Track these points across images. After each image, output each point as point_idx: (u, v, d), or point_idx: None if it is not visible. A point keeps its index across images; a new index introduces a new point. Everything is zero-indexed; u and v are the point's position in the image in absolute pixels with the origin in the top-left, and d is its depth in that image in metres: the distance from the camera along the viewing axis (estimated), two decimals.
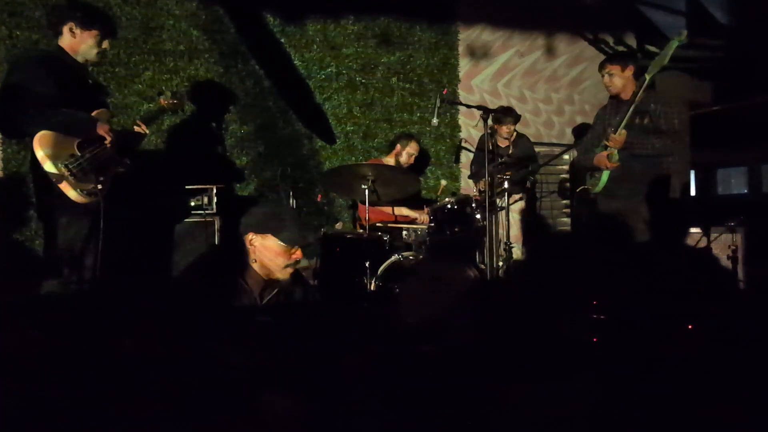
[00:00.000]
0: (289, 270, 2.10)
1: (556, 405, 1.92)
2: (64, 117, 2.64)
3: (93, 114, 2.79)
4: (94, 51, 2.85)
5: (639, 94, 3.32)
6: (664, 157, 3.48)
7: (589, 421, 1.80)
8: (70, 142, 2.66)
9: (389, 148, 4.64)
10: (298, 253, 2.09)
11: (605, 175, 3.51)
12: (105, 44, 2.89)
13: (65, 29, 2.79)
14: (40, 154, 2.55)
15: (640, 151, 3.41)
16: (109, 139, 2.74)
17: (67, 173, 2.58)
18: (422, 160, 5.44)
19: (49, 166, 2.55)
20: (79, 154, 2.65)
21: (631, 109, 3.33)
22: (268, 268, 2.09)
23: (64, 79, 2.70)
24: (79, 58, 2.85)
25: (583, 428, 1.78)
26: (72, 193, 2.58)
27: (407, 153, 4.40)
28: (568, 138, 6.20)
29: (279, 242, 2.05)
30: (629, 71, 3.52)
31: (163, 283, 3.57)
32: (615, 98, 3.62)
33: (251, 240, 2.07)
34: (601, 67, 3.62)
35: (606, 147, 3.44)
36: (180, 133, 4.51)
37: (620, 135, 3.35)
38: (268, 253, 2.06)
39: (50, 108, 2.61)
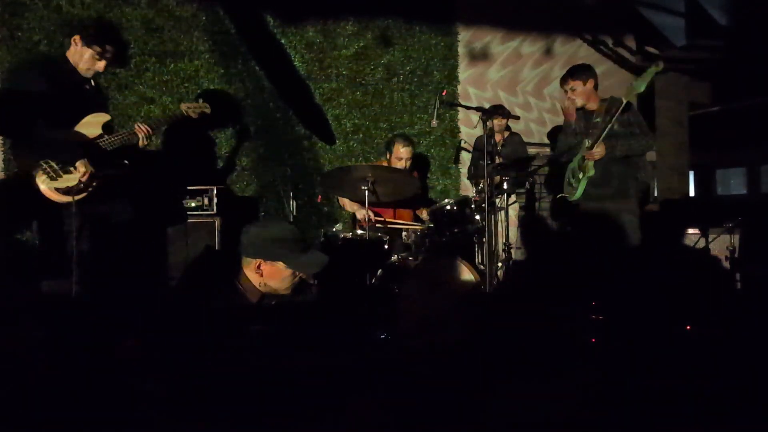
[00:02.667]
0: (292, 287, 2.07)
1: (552, 404, 1.93)
2: (49, 142, 2.83)
3: (87, 118, 2.96)
4: (86, 67, 2.98)
5: (615, 116, 3.42)
6: (640, 156, 3.67)
7: (585, 421, 1.81)
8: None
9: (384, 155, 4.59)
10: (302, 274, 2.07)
11: (583, 184, 3.57)
12: (99, 65, 3.00)
13: (72, 40, 2.98)
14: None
15: (621, 153, 3.52)
16: (84, 170, 2.84)
17: (41, 170, 2.79)
18: (422, 161, 5.44)
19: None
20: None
21: (608, 128, 3.43)
22: (271, 287, 2.04)
23: (58, 83, 2.89)
24: (79, 69, 3.00)
25: (580, 427, 1.79)
26: (44, 188, 2.78)
27: (396, 158, 4.08)
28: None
29: (287, 268, 2.01)
30: (590, 84, 3.67)
31: (162, 285, 3.59)
32: (581, 109, 3.72)
33: (258, 265, 2.00)
34: (563, 82, 3.74)
35: (584, 159, 3.55)
36: (180, 134, 4.52)
37: (597, 151, 3.47)
38: (275, 279, 2.02)
39: (42, 118, 2.79)
